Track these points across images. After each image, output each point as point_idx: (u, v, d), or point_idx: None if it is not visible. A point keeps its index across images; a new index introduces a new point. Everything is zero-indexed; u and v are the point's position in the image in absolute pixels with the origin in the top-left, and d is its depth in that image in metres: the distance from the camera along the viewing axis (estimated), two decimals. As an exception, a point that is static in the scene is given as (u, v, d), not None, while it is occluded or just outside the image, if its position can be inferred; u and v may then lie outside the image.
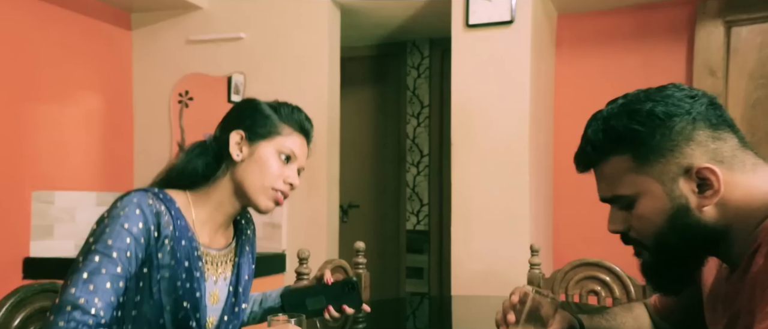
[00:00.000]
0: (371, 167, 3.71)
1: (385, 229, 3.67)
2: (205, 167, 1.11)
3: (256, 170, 1.09)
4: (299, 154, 1.14)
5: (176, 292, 1.04)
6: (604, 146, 0.81)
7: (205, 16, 2.98)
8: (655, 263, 0.82)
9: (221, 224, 1.14)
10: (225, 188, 1.11)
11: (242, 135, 1.11)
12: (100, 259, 0.97)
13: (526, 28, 2.55)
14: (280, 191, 1.11)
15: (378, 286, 3.62)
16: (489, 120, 2.56)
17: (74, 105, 2.79)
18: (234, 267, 1.17)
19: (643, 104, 0.78)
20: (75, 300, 0.94)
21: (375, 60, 3.75)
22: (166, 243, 1.03)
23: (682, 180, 0.76)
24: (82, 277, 0.96)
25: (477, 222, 2.55)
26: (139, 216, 1.01)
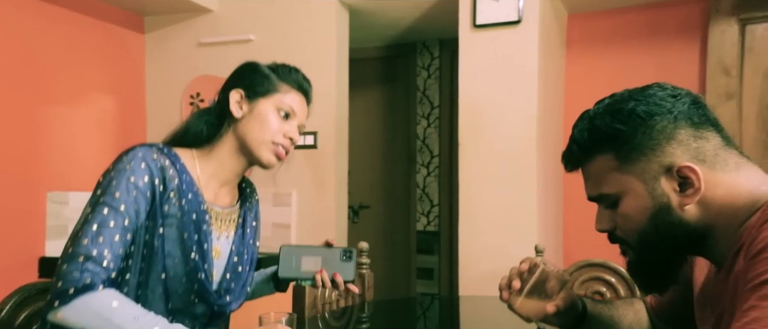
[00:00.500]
0: (381, 168, 3.71)
1: (396, 230, 3.67)
2: (208, 126, 1.16)
3: (256, 125, 1.13)
4: (298, 111, 1.18)
5: (184, 244, 1.07)
6: (588, 146, 0.82)
7: (216, 19, 3.01)
8: (640, 261, 0.83)
9: (226, 182, 1.18)
10: (228, 145, 1.15)
11: (242, 94, 1.15)
12: (109, 212, 1.01)
13: (533, 28, 2.54)
14: (281, 145, 1.15)
15: (388, 287, 3.63)
16: (496, 120, 2.55)
17: (88, 107, 2.85)
18: (237, 228, 1.20)
19: (626, 104, 0.79)
20: (88, 251, 0.97)
21: (385, 61, 3.76)
22: (172, 196, 1.06)
23: (664, 179, 0.77)
24: (92, 229, 0.99)
25: (484, 223, 2.54)
26: (145, 170, 1.04)
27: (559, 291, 0.97)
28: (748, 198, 0.75)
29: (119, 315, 0.94)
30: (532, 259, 0.98)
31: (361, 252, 1.85)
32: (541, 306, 0.96)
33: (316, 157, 2.82)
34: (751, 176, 0.77)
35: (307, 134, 2.83)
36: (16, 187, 2.53)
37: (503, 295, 0.97)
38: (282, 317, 0.95)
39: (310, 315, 1.53)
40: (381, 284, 3.66)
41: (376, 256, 3.65)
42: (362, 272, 1.82)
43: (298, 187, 2.83)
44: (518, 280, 0.97)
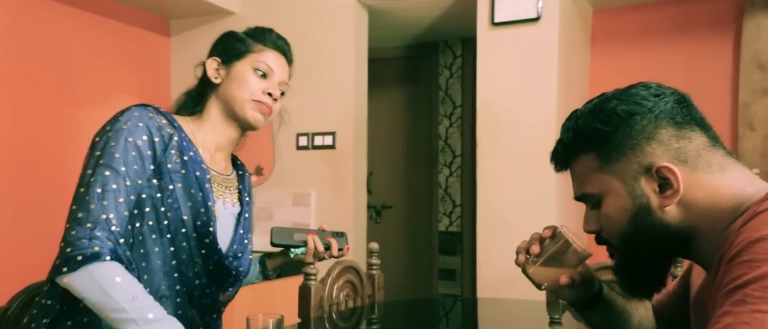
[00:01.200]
0: (403, 168, 3.70)
1: (418, 230, 3.65)
2: (191, 97, 1.19)
3: (235, 86, 1.15)
4: (276, 68, 1.18)
5: (192, 198, 1.07)
6: (572, 145, 0.81)
7: (238, 21, 3.05)
8: (624, 263, 0.81)
9: (220, 147, 1.19)
10: (215, 111, 1.17)
11: (218, 61, 1.17)
12: (110, 173, 0.99)
13: (553, 25, 2.49)
14: (262, 102, 1.15)
15: (410, 288, 3.61)
16: (515, 120, 2.50)
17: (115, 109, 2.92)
18: (240, 196, 1.22)
19: (608, 103, 0.78)
20: (96, 217, 0.97)
21: (407, 60, 3.74)
22: (173, 153, 1.07)
23: (644, 179, 0.75)
24: (96, 191, 0.98)
25: (504, 224, 2.50)
26: (143, 129, 1.04)
27: (576, 265, 0.94)
28: (732, 200, 0.72)
29: (120, 291, 0.94)
30: (555, 227, 0.95)
31: (372, 252, 1.84)
32: (555, 275, 0.93)
33: (335, 157, 2.82)
34: (736, 178, 0.74)
35: (325, 135, 2.84)
36: (44, 188, 2.62)
37: (519, 258, 0.95)
38: (270, 319, 0.94)
39: (317, 316, 1.53)
40: (403, 284, 3.65)
41: (398, 257, 3.64)
42: (373, 272, 1.81)
43: (317, 187, 2.84)
44: (538, 245, 0.94)
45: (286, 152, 2.91)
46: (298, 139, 2.89)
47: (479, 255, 2.55)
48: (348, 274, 1.70)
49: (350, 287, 1.71)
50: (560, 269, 0.93)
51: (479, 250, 2.55)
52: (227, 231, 1.17)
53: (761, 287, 0.58)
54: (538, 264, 0.93)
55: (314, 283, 1.54)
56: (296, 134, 2.89)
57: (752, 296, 0.58)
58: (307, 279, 1.54)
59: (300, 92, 2.91)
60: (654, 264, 0.80)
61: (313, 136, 2.86)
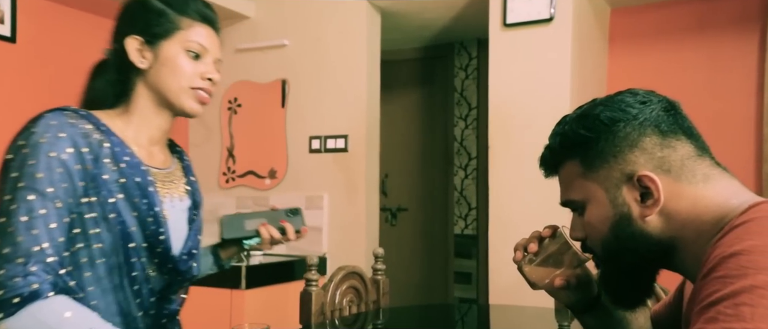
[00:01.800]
0: (419, 171, 3.68)
1: (433, 233, 3.63)
2: (112, 85, 1.04)
3: (168, 73, 1.01)
4: (209, 45, 1.04)
5: (137, 208, 0.96)
6: (558, 151, 0.81)
7: (252, 25, 3.08)
8: (607, 272, 0.80)
9: (155, 140, 1.06)
10: (145, 100, 1.03)
11: (140, 40, 1.01)
12: (36, 197, 0.86)
13: (566, 25, 2.44)
14: (201, 89, 1.03)
15: (426, 291, 3.59)
16: (527, 122, 2.47)
17: (133, 114, 2.98)
18: (189, 189, 1.11)
19: (593, 109, 0.78)
20: (26, 250, 0.84)
21: (422, 62, 3.72)
22: (108, 162, 0.93)
23: (626, 188, 0.74)
24: (21, 221, 0.85)
25: (516, 228, 2.46)
26: (66, 140, 0.90)
27: (575, 268, 0.92)
28: (716, 212, 0.70)
29: (73, 326, 0.84)
30: (556, 226, 0.93)
31: (377, 257, 1.83)
32: (551, 276, 0.91)
33: (347, 160, 2.83)
34: (721, 189, 0.72)
35: (337, 138, 2.84)
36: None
37: (516, 256, 0.95)
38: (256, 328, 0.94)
39: (318, 322, 1.53)
40: (418, 288, 3.63)
41: (414, 260, 3.62)
42: (377, 278, 1.81)
43: (330, 190, 2.85)
44: (536, 244, 0.93)
45: (299, 155, 2.92)
46: (310, 142, 2.90)
47: (491, 259, 2.52)
48: (351, 279, 1.69)
49: (354, 292, 1.70)
50: (557, 270, 0.91)
51: (491, 254, 2.52)
52: (180, 230, 1.06)
53: (733, 304, 0.56)
54: (535, 264, 0.92)
55: (315, 289, 1.54)
56: (309, 137, 2.90)
57: (724, 313, 0.57)
58: (309, 285, 1.54)
59: (313, 94, 2.92)
60: (636, 274, 0.78)
61: (325, 139, 2.86)
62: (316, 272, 1.54)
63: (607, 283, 0.82)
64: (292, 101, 2.95)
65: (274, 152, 2.97)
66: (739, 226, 0.64)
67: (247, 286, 2.37)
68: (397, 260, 3.64)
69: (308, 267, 1.54)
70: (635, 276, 0.78)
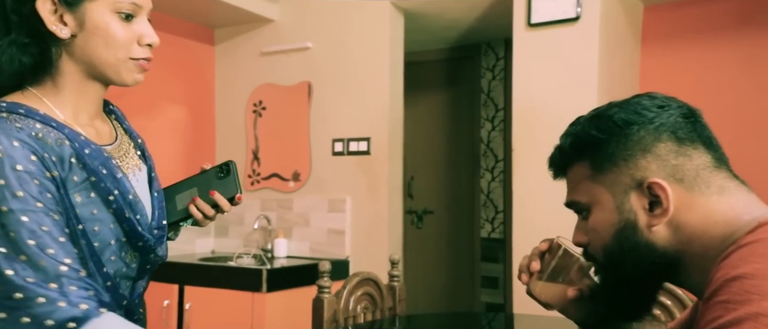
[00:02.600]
0: (445, 173, 3.64)
1: (459, 236, 3.58)
2: (29, 56, 0.85)
3: (99, 44, 0.85)
4: (142, 1, 0.88)
5: (111, 206, 0.86)
6: (568, 152, 0.78)
7: (277, 28, 3.10)
8: (606, 282, 0.77)
9: (93, 114, 0.93)
10: (74, 73, 0.87)
11: (54, 1, 0.83)
12: (29, 218, 0.77)
13: (593, 24, 2.37)
14: (142, 58, 0.89)
15: (452, 296, 3.55)
16: (552, 124, 2.38)
17: (162, 117, 3.04)
18: (142, 155, 1.00)
19: (608, 110, 0.75)
20: (55, 272, 0.77)
21: (448, 63, 3.67)
22: (73, 162, 0.83)
23: (634, 194, 0.71)
24: (29, 245, 0.76)
25: (540, 232, 2.39)
26: (22, 148, 0.79)
27: (582, 278, 0.89)
28: (725, 228, 0.66)
29: None
30: (555, 240, 0.90)
31: (393, 263, 1.81)
32: (562, 291, 0.87)
33: (370, 163, 2.81)
34: (734, 203, 0.68)
35: (360, 140, 2.83)
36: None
37: (522, 278, 0.91)
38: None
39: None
40: (444, 292, 3.59)
41: (440, 263, 3.59)
42: (394, 284, 1.78)
43: (352, 193, 2.84)
44: (538, 261, 0.89)
45: (322, 158, 2.92)
46: (333, 144, 2.89)
47: (515, 265, 2.46)
48: (366, 286, 1.68)
49: (368, 299, 1.69)
50: (566, 284, 0.87)
51: (515, 260, 2.47)
52: (146, 202, 0.95)
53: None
54: (543, 281, 0.88)
55: (328, 296, 1.53)
56: (332, 140, 2.90)
57: None
58: (321, 292, 1.53)
59: (336, 97, 2.92)
60: (637, 286, 0.74)
61: (348, 142, 2.86)
62: (328, 278, 1.53)
63: (605, 293, 0.78)
64: (316, 103, 2.96)
65: (297, 154, 2.98)
66: (744, 246, 0.60)
67: (268, 289, 2.38)
68: (422, 263, 3.61)
69: (320, 273, 1.53)
70: (635, 288, 0.74)
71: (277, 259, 2.84)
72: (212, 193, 0.98)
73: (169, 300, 2.54)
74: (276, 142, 3.05)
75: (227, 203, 0.99)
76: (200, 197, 0.99)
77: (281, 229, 2.95)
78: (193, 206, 0.99)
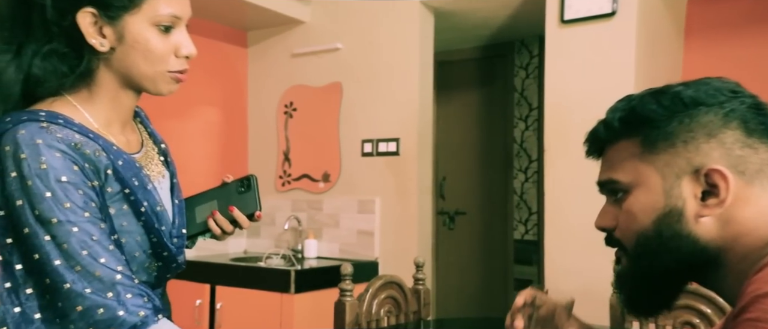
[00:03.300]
0: (477, 174, 3.58)
1: (492, 238, 3.52)
2: (69, 66, 0.85)
3: (138, 57, 0.85)
4: (181, 11, 0.87)
5: (142, 218, 0.87)
6: (616, 128, 0.71)
7: (307, 30, 3.11)
8: (631, 271, 0.70)
9: (125, 122, 0.94)
10: (109, 82, 0.88)
11: (94, 14, 0.83)
12: (79, 228, 0.78)
13: (630, 20, 2.27)
14: (179, 70, 0.90)
15: (484, 298, 3.49)
16: (586, 125, 2.30)
17: (196, 120, 3.09)
18: (165, 161, 1.00)
19: (673, 87, 0.68)
20: (110, 281, 0.78)
21: (480, 62, 3.61)
22: (109, 173, 0.84)
23: (687, 180, 0.65)
24: (82, 255, 0.78)
25: (573, 237, 2.33)
26: (63, 159, 0.80)
27: (568, 317, 0.87)
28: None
29: None
30: (528, 291, 0.88)
31: (418, 266, 1.78)
32: None
33: (399, 164, 2.79)
34: None
35: (389, 141, 2.81)
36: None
37: None
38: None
39: (352, 333, 1.51)
40: (477, 295, 3.53)
41: (472, 264, 3.53)
42: (418, 288, 1.76)
43: (382, 194, 2.82)
44: (520, 319, 0.87)
45: (351, 159, 2.92)
46: (363, 145, 2.88)
47: (547, 268, 2.40)
48: (389, 289, 1.66)
49: (392, 302, 1.66)
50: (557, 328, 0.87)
51: (547, 263, 2.40)
52: (168, 210, 0.96)
53: None
54: None
55: (350, 299, 1.51)
56: (361, 141, 2.89)
57: None
58: (343, 295, 1.52)
59: (365, 97, 2.90)
60: (665, 279, 0.69)
61: (377, 142, 2.84)
62: (350, 281, 1.52)
63: (625, 282, 0.72)
64: (345, 104, 2.95)
65: (327, 155, 2.98)
66: None
67: (296, 290, 2.39)
68: (454, 265, 3.56)
69: (342, 276, 1.51)
70: (662, 282, 0.69)
71: (307, 260, 2.85)
72: (231, 209, 0.97)
73: (201, 299, 2.58)
74: (306, 143, 3.06)
75: (246, 220, 0.98)
76: (220, 211, 0.98)
77: (311, 230, 2.96)
78: (212, 220, 0.99)
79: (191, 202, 1.02)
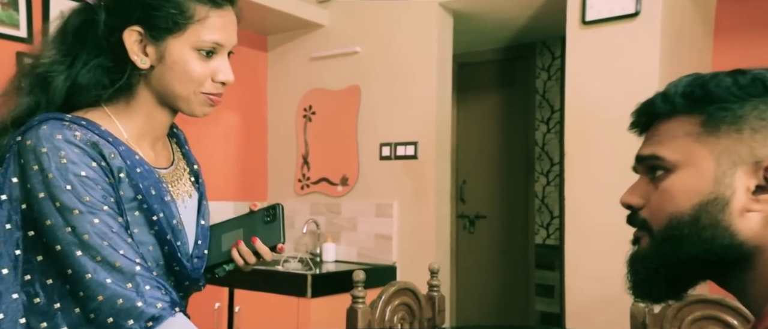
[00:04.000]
0: (498, 177, 3.53)
1: (513, 242, 3.46)
2: (110, 77, 0.89)
3: (175, 77, 0.88)
4: (225, 39, 0.89)
5: (154, 227, 0.88)
6: (677, 102, 0.66)
7: (326, 33, 3.11)
8: (652, 253, 0.66)
9: (157, 137, 0.96)
10: (146, 98, 0.91)
11: (140, 32, 0.86)
12: (99, 220, 0.81)
13: (655, 20, 2.21)
14: (213, 94, 0.90)
15: (505, 304, 3.44)
16: (608, 128, 2.27)
17: (216, 124, 3.12)
18: (196, 182, 1.01)
19: (755, 70, 0.63)
20: (130, 271, 0.80)
21: (501, 63, 3.57)
22: (123, 177, 0.85)
23: (743, 170, 0.60)
24: (102, 245, 0.80)
25: (594, 240, 2.28)
26: (82, 154, 0.82)
27: None
28: None
29: None
30: None
31: (432, 272, 1.75)
32: None
33: (417, 167, 2.76)
34: None
35: (407, 145, 2.79)
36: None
37: None
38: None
39: (364, 340, 1.49)
40: (497, 300, 3.48)
41: (492, 269, 3.49)
42: (433, 294, 1.73)
43: (400, 198, 2.80)
44: None
45: (369, 162, 2.90)
46: (381, 149, 2.87)
47: (567, 274, 2.35)
48: (403, 296, 1.64)
49: (406, 309, 1.64)
50: None
51: (567, 269, 2.35)
52: (191, 229, 0.97)
53: None
54: None
55: (362, 306, 1.50)
56: (379, 144, 2.87)
57: None
58: (355, 302, 1.50)
59: (383, 101, 2.89)
60: (686, 269, 0.64)
61: (395, 146, 2.82)
62: (362, 288, 1.50)
63: (641, 263, 0.67)
64: (364, 107, 2.94)
65: (345, 159, 2.97)
66: None
67: (312, 294, 2.38)
68: (474, 269, 3.52)
69: (354, 283, 1.50)
70: (683, 270, 0.64)
71: (326, 263, 2.85)
72: (254, 240, 0.95)
73: (219, 302, 2.60)
74: (325, 146, 3.06)
75: (269, 252, 0.96)
76: (244, 241, 0.97)
77: (330, 233, 2.96)
78: (236, 250, 0.97)
79: (218, 229, 1.01)
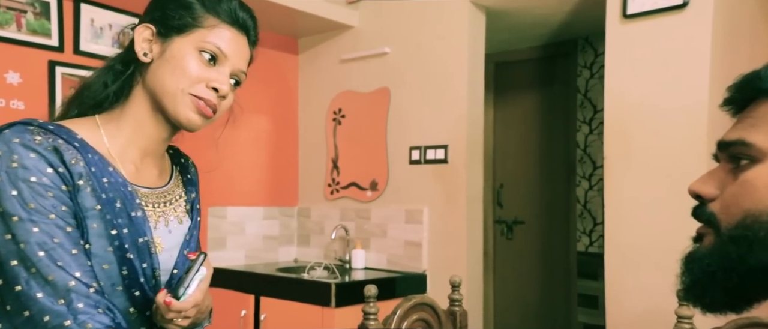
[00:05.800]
0: (537, 181, 3.37)
1: (553, 249, 3.29)
2: (114, 77, 0.88)
3: (168, 70, 0.85)
4: (230, 52, 0.87)
5: (114, 242, 0.82)
6: None
7: (356, 35, 3.04)
8: (717, 253, 0.58)
9: (147, 152, 0.91)
10: (141, 101, 0.88)
11: (152, 29, 0.87)
12: (40, 229, 0.76)
13: (706, 10, 2.02)
14: (202, 98, 0.85)
15: (545, 315, 3.27)
16: (652, 131, 2.09)
17: (247, 128, 3.10)
18: (190, 209, 0.96)
19: None
20: (63, 287, 0.75)
21: (540, 62, 3.40)
22: (82, 184, 0.80)
23: None
24: (38, 256, 0.75)
25: (636, 250, 2.11)
26: (38, 160, 0.78)
27: None
28: None
29: None
30: None
31: (455, 286, 1.65)
32: None
33: (448, 172, 2.65)
34: None
35: (437, 148, 2.68)
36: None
37: None
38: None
39: (376, 359, 1.40)
40: (537, 310, 3.32)
41: (532, 277, 3.33)
42: (454, 309, 1.62)
43: (430, 203, 2.70)
44: None
45: (399, 167, 2.81)
46: (411, 153, 2.77)
47: (608, 287, 2.19)
48: (421, 311, 1.53)
49: (423, 325, 1.54)
50: None
51: (607, 280, 2.19)
52: (171, 256, 0.91)
53: None
54: None
55: (374, 323, 1.41)
56: (409, 148, 2.78)
57: None
58: (366, 319, 1.42)
59: (414, 103, 2.79)
60: (754, 277, 0.56)
61: (425, 150, 2.72)
62: (374, 304, 1.41)
63: (699, 263, 0.60)
64: (393, 110, 2.86)
65: (375, 163, 2.89)
66: None
67: (336, 304, 2.31)
68: (512, 276, 3.37)
69: (366, 298, 1.41)
70: (750, 278, 0.56)
71: (355, 271, 2.77)
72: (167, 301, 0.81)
73: (246, 310, 2.57)
74: (354, 150, 2.99)
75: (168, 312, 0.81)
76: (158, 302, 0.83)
77: (359, 239, 2.88)
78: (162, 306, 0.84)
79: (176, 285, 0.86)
